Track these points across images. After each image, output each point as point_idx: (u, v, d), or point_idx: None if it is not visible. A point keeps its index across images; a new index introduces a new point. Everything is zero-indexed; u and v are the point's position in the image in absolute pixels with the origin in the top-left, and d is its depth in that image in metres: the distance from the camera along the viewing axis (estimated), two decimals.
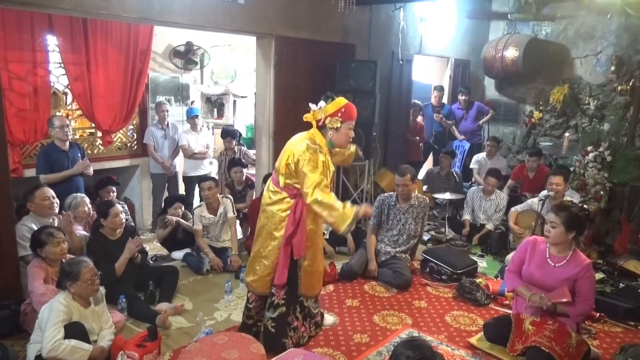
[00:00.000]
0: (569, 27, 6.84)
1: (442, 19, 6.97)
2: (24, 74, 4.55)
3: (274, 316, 3.10)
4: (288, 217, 3.02)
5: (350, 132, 3.06)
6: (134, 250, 3.79)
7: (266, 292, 3.14)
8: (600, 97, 6.54)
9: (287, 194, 3.03)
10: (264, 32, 5.06)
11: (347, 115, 3.00)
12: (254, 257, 3.19)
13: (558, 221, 2.97)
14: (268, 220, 3.09)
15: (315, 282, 3.23)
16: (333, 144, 3.05)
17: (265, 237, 3.10)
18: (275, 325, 3.09)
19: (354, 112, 3.05)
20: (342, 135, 3.03)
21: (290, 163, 2.97)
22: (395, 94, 6.47)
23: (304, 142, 2.98)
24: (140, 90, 5.47)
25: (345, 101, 3.02)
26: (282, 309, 3.10)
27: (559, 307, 2.97)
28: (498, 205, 5.34)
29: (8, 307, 3.31)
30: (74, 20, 4.76)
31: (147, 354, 2.93)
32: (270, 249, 3.08)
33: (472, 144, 7.10)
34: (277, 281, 3.06)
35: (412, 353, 1.86)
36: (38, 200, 3.66)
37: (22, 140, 4.63)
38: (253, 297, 3.21)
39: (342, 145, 3.12)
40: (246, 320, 3.26)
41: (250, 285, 3.20)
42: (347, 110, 3.00)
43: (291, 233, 3.00)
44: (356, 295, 4.06)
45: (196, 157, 5.72)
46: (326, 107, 2.99)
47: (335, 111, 2.98)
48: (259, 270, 3.12)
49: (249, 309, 3.24)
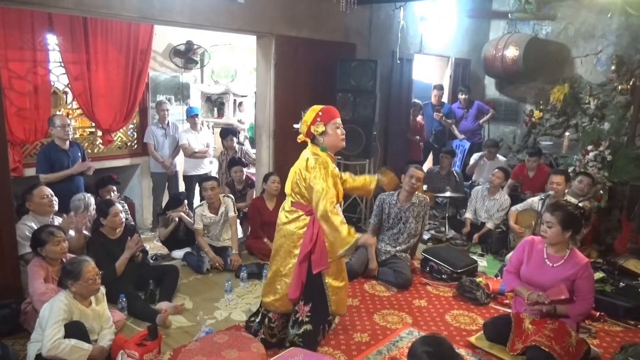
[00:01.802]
0: (570, 26, 6.84)
1: (442, 18, 6.96)
2: (24, 73, 4.55)
3: (300, 332, 3.08)
4: (305, 234, 3.03)
5: (339, 130, 3.08)
6: (134, 249, 3.79)
7: (289, 309, 3.15)
8: (601, 97, 6.54)
9: (303, 211, 3.06)
10: (264, 32, 5.06)
11: (327, 117, 3.03)
12: (272, 277, 3.19)
13: (554, 220, 2.97)
14: (286, 239, 3.10)
15: (344, 296, 3.24)
16: (326, 148, 3.07)
17: (284, 255, 3.11)
18: (302, 340, 3.07)
19: (333, 112, 3.09)
20: (331, 136, 3.04)
21: (299, 180, 3.01)
22: (395, 93, 6.47)
23: (311, 158, 3.01)
24: (141, 89, 5.47)
25: (319, 107, 3.07)
26: (307, 327, 3.08)
27: (558, 308, 2.97)
28: (501, 205, 5.33)
29: (8, 306, 3.32)
30: (74, 20, 4.76)
31: (147, 353, 2.94)
32: (290, 266, 3.09)
33: (472, 143, 7.09)
34: (291, 295, 3.07)
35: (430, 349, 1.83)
36: (37, 199, 3.67)
37: (22, 139, 4.63)
38: (275, 316, 3.20)
39: (335, 145, 3.12)
40: (269, 339, 3.20)
41: (271, 305, 3.18)
42: (325, 112, 3.04)
43: (309, 250, 3.01)
44: (356, 295, 4.06)
45: (196, 156, 5.72)
46: (304, 118, 3.05)
47: (313, 118, 3.02)
48: (280, 289, 3.13)
49: (271, 328, 3.21)
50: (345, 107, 5.35)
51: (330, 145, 3.08)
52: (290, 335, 3.11)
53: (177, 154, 5.76)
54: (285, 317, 3.21)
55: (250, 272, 4.32)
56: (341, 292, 3.18)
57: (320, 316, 3.13)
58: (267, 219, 4.95)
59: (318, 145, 3.07)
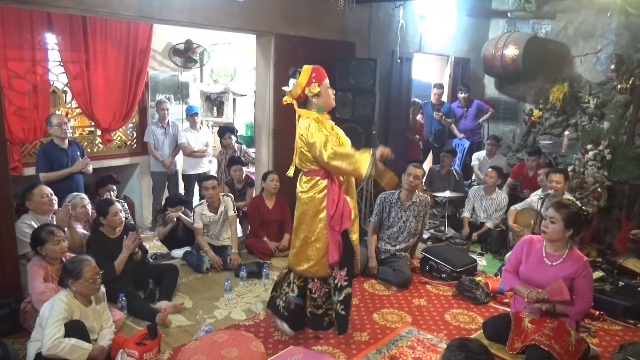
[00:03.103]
0: (569, 25, 6.84)
1: (442, 17, 6.96)
2: (24, 73, 4.55)
3: (342, 299, 3.16)
4: (327, 196, 3.09)
5: (330, 89, 3.17)
6: (132, 247, 3.78)
7: (327, 272, 3.20)
8: (600, 96, 6.54)
9: (318, 176, 3.11)
10: (264, 30, 5.05)
11: (320, 77, 3.12)
12: (302, 245, 3.21)
13: (558, 217, 2.97)
14: (307, 205, 3.15)
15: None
16: (322, 108, 3.15)
17: (310, 221, 3.16)
18: (344, 307, 3.17)
19: (323, 71, 3.17)
20: (325, 96, 3.15)
21: (303, 147, 3.08)
22: (395, 92, 6.46)
23: (304, 121, 3.10)
24: (140, 88, 5.47)
25: (310, 66, 3.14)
26: (347, 290, 3.17)
27: (558, 307, 2.97)
28: (499, 205, 5.35)
29: (8, 305, 3.32)
30: (74, 19, 4.75)
31: (147, 352, 2.94)
32: (318, 231, 3.14)
33: (472, 142, 7.10)
34: (331, 260, 3.11)
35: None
36: (36, 198, 3.67)
37: (22, 138, 4.63)
38: (315, 285, 3.23)
39: (329, 105, 3.20)
40: (315, 311, 3.26)
41: (308, 272, 3.21)
42: (318, 72, 3.13)
43: (335, 211, 3.06)
44: (356, 294, 4.06)
45: (196, 155, 5.72)
46: (299, 81, 3.11)
47: (308, 79, 3.10)
48: (314, 255, 3.17)
49: (314, 299, 3.25)
50: (344, 106, 5.35)
51: (326, 105, 3.17)
52: (335, 303, 3.19)
53: (177, 153, 5.76)
54: (325, 285, 3.25)
55: (250, 271, 4.32)
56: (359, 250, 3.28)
57: (351, 277, 3.23)
58: (267, 218, 4.96)
59: (311, 108, 3.14)
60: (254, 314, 3.67)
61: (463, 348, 1.70)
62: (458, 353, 1.68)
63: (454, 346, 1.73)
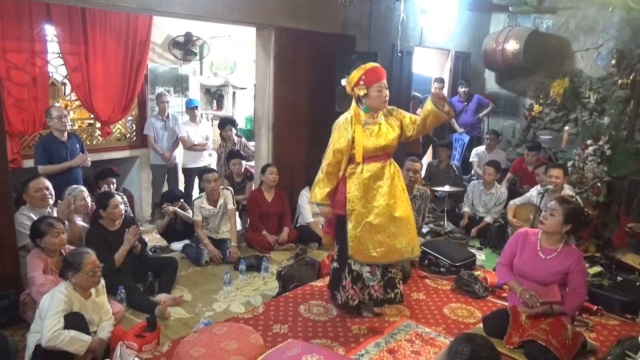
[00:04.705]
0: (570, 20, 6.80)
1: (442, 11, 6.91)
2: (22, 64, 4.53)
3: (332, 268, 3.49)
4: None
5: (382, 92, 3.15)
6: (133, 240, 3.79)
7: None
8: (601, 91, 6.52)
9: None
10: (264, 23, 5.03)
11: (370, 80, 3.12)
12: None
13: (560, 211, 2.97)
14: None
15: (363, 249, 3.27)
16: (368, 109, 3.19)
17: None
18: (332, 277, 3.51)
19: (378, 74, 3.15)
20: (373, 98, 3.16)
21: None
22: (395, 86, 6.43)
23: (343, 117, 3.22)
24: (139, 81, 5.45)
25: (366, 67, 3.14)
26: (335, 264, 3.44)
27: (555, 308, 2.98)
28: (498, 199, 5.35)
29: (7, 297, 3.33)
30: (73, 10, 4.73)
31: (146, 345, 2.95)
32: None
33: (472, 137, 7.09)
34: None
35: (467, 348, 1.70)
36: (31, 191, 3.64)
37: (21, 130, 4.62)
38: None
39: (377, 107, 3.22)
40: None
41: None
42: (368, 75, 3.12)
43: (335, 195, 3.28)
44: None
45: (195, 148, 5.71)
46: (349, 79, 3.14)
47: (357, 80, 3.13)
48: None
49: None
50: (344, 100, 5.33)
51: (373, 107, 3.20)
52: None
53: (176, 146, 5.75)
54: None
55: (249, 264, 4.33)
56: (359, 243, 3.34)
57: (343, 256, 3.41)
58: (266, 211, 4.96)
59: (360, 105, 3.20)
60: (253, 307, 3.68)
61: (470, 341, 1.72)
62: (465, 345, 1.70)
63: (461, 339, 1.76)
